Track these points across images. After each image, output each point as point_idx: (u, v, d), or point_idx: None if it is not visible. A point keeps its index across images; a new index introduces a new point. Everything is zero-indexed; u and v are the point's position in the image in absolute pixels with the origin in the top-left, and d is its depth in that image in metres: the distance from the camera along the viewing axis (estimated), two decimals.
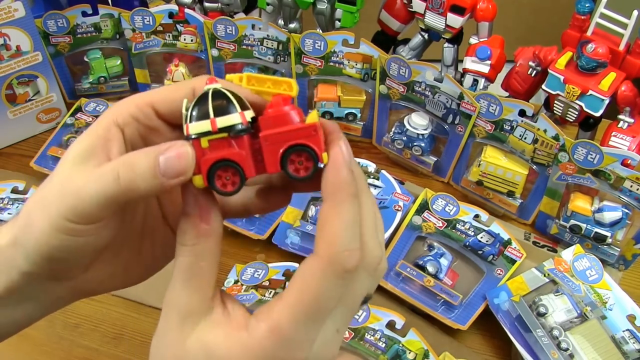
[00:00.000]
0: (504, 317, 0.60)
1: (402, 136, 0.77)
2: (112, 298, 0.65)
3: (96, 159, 0.30)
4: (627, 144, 0.65)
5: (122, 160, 0.29)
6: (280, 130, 0.28)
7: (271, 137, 0.28)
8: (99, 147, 0.30)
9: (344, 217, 0.28)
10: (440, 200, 0.66)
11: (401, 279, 0.64)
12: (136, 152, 0.29)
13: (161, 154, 0.28)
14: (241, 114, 0.28)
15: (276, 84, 0.29)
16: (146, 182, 0.28)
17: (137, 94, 0.33)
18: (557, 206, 0.69)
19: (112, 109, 0.32)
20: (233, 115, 0.28)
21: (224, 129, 0.28)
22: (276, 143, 0.29)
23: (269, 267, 0.63)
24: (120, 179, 0.28)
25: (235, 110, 0.28)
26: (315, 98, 0.80)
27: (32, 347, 0.61)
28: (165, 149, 0.28)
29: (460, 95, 0.70)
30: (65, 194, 0.29)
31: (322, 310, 0.28)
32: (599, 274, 0.60)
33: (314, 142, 0.28)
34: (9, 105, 0.78)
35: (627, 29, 0.64)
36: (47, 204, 0.29)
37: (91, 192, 0.28)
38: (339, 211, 0.28)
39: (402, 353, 0.58)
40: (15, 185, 0.70)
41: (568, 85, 0.65)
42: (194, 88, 0.32)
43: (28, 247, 0.30)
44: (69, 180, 0.29)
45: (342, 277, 0.28)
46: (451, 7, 0.72)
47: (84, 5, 0.81)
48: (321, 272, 0.27)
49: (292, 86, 0.29)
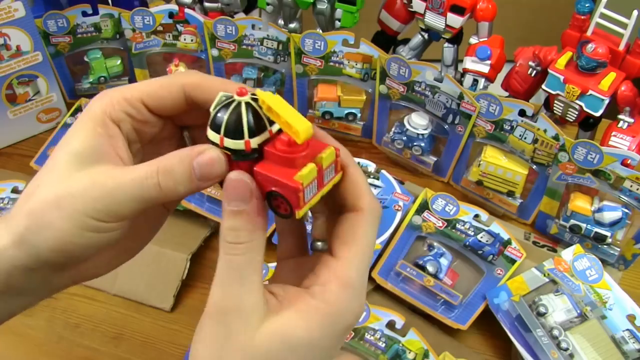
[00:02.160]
0: (504, 317, 0.60)
1: (402, 136, 0.77)
2: (112, 298, 0.65)
3: (107, 157, 0.31)
4: (627, 143, 0.65)
5: (157, 165, 0.30)
6: (269, 175, 0.29)
7: (261, 175, 0.30)
8: (106, 146, 0.31)
9: (363, 176, 0.33)
10: (440, 200, 0.66)
11: (401, 278, 0.64)
12: (170, 157, 0.30)
13: (194, 159, 0.30)
14: (246, 142, 0.29)
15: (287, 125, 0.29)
16: (185, 187, 0.30)
17: (124, 87, 0.33)
18: (557, 206, 0.69)
19: (101, 102, 0.32)
20: (238, 142, 0.29)
21: (229, 149, 0.30)
22: (264, 182, 0.30)
23: (269, 267, 0.63)
24: (161, 185, 0.30)
25: (242, 137, 0.29)
26: (315, 98, 0.80)
27: (32, 347, 0.61)
28: (197, 154, 0.30)
29: (460, 95, 0.70)
30: (93, 197, 0.30)
31: (371, 255, 0.33)
32: (599, 273, 0.60)
33: (293, 198, 0.29)
34: (9, 105, 0.78)
35: (627, 29, 0.64)
36: (66, 204, 0.30)
37: (130, 194, 0.30)
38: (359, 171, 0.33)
39: (402, 353, 0.58)
40: (15, 185, 0.70)
41: (568, 85, 0.65)
42: (184, 85, 0.32)
43: (42, 247, 0.30)
44: (90, 181, 0.30)
45: (377, 223, 0.33)
46: (451, 7, 0.72)
47: (84, 5, 0.81)
48: (368, 222, 0.32)
49: (300, 136, 0.28)
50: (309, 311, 0.29)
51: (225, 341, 0.29)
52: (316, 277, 0.31)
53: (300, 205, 0.29)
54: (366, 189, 0.33)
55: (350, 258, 0.31)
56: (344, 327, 0.30)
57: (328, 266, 0.31)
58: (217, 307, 0.29)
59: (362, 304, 0.31)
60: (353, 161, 0.33)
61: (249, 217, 0.30)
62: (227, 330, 0.29)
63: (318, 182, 0.30)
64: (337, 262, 0.31)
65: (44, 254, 0.30)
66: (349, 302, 0.30)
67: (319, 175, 0.30)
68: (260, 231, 0.30)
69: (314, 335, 0.29)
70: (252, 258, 0.30)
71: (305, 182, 0.29)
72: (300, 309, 0.30)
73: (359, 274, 0.31)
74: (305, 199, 0.29)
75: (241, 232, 0.30)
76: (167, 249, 0.65)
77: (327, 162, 0.30)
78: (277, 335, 0.29)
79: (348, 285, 0.30)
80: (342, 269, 0.31)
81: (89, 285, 0.66)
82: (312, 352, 0.30)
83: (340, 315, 0.30)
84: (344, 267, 0.31)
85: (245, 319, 0.29)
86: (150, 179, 0.30)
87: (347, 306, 0.30)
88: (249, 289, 0.29)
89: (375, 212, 0.33)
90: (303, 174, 0.29)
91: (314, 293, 0.30)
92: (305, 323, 0.29)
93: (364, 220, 0.32)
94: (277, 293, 0.31)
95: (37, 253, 0.30)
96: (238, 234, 0.30)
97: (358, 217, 0.32)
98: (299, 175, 0.29)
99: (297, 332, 0.29)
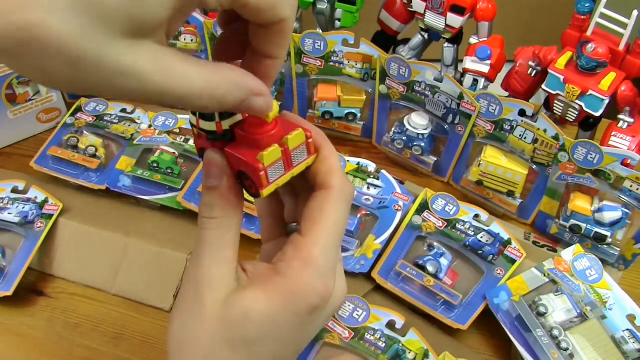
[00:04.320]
0: (504, 317, 0.60)
1: (402, 136, 0.77)
2: (112, 298, 0.65)
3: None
4: (627, 143, 0.65)
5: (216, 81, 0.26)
6: (235, 155, 0.31)
7: (229, 155, 0.32)
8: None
9: (336, 156, 0.33)
10: (440, 200, 0.66)
11: (401, 278, 0.64)
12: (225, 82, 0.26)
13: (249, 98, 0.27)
14: (218, 124, 0.31)
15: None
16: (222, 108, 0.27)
17: None
18: (557, 206, 0.69)
19: None
20: (210, 123, 0.31)
21: (204, 131, 0.32)
22: (233, 162, 0.32)
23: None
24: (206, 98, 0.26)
25: (214, 119, 0.31)
26: (315, 98, 0.80)
27: (32, 347, 0.61)
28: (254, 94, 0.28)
29: (460, 95, 0.70)
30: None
31: (341, 234, 0.32)
32: (599, 273, 0.60)
33: (256, 177, 0.31)
34: (9, 105, 0.78)
35: (627, 29, 0.64)
36: None
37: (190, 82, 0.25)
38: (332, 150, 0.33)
39: (402, 353, 0.58)
40: (15, 185, 0.70)
41: (568, 85, 0.65)
42: None
43: None
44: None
45: (349, 202, 0.33)
46: (451, 7, 0.72)
47: None
48: (337, 200, 0.32)
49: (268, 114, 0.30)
50: (271, 286, 0.30)
51: (194, 310, 0.31)
52: (283, 255, 0.31)
53: (264, 185, 0.31)
54: (337, 168, 0.33)
55: (315, 235, 0.31)
56: (307, 306, 0.30)
57: (294, 243, 0.31)
58: (190, 278, 0.31)
59: (327, 283, 0.31)
60: (327, 142, 0.33)
61: (222, 194, 0.31)
62: (197, 300, 0.30)
63: (285, 163, 0.31)
64: (302, 239, 0.31)
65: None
66: (310, 279, 0.30)
67: (285, 155, 0.31)
68: (232, 209, 0.31)
69: (274, 309, 0.30)
70: (223, 233, 0.31)
71: (267, 162, 0.30)
72: (264, 284, 0.31)
73: (325, 251, 0.31)
74: (269, 179, 0.31)
75: (214, 207, 0.31)
76: (167, 249, 0.65)
77: (293, 143, 0.31)
78: (240, 308, 0.30)
79: (310, 263, 0.30)
80: (306, 246, 0.31)
81: (89, 285, 0.66)
82: (274, 327, 0.30)
83: (302, 293, 0.30)
84: (307, 245, 0.31)
85: (213, 291, 0.30)
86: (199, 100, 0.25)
87: (309, 283, 0.30)
88: (218, 263, 0.31)
89: (346, 192, 0.33)
90: (264, 154, 0.30)
91: (279, 270, 0.31)
92: (266, 297, 0.30)
93: (333, 198, 0.32)
94: (248, 270, 0.32)
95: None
96: (211, 210, 0.31)
97: (326, 195, 0.32)
98: (260, 155, 0.30)
99: (258, 306, 0.30)
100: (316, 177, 0.33)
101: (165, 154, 0.72)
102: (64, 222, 0.67)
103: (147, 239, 0.66)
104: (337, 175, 0.32)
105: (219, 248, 0.31)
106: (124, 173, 0.72)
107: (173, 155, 0.72)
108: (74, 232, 0.67)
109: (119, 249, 0.66)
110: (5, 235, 0.66)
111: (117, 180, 0.71)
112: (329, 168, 0.33)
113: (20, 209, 0.67)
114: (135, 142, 0.75)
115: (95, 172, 0.73)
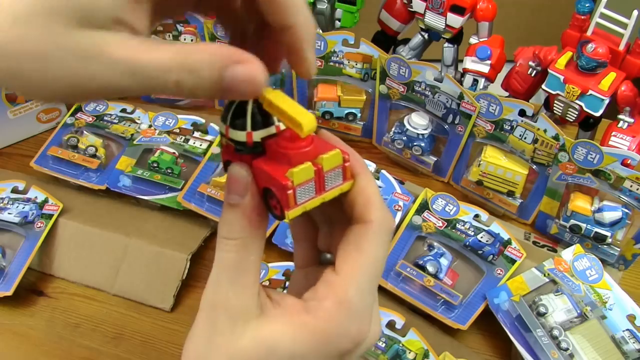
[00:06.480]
0: (504, 317, 0.60)
1: (402, 136, 0.77)
2: (112, 298, 0.65)
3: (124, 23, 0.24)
4: (627, 143, 0.65)
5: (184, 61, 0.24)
6: (263, 169, 0.28)
7: (257, 170, 0.29)
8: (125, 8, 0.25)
9: (374, 184, 0.30)
10: (440, 200, 0.66)
11: (401, 278, 0.64)
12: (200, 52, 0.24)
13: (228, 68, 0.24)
14: (249, 134, 0.28)
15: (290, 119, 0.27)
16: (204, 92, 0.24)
17: None
18: (557, 206, 0.69)
19: None
20: (241, 133, 0.28)
21: (232, 141, 0.29)
22: (259, 177, 0.29)
23: (269, 267, 0.63)
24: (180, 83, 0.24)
25: (245, 128, 0.28)
26: (315, 98, 0.80)
27: (32, 347, 0.61)
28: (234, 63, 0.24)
29: (460, 95, 0.70)
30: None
31: (379, 273, 0.29)
32: (599, 273, 0.60)
33: (282, 196, 0.27)
34: (9, 105, 0.78)
35: (627, 29, 0.64)
36: None
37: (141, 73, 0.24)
38: (371, 180, 0.30)
39: (402, 353, 0.58)
40: (15, 185, 0.70)
41: (568, 85, 0.65)
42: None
43: None
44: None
45: (389, 238, 0.30)
46: (451, 7, 0.72)
47: None
48: (375, 236, 0.29)
49: (302, 128, 0.26)
50: (299, 324, 0.28)
51: (211, 339, 0.28)
52: (315, 291, 0.29)
53: (291, 206, 0.28)
54: (377, 200, 0.30)
55: (351, 274, 0.28)
56: (337, 350, 0.28)
57: (327, 281, 0.29)
58: (207, 304, 0.29)
59: (361, 328, 0.28)
60: (365, 170, 0.30)
61: (243, 212, 0.28)
62: (214, 328, 0.28)
63: (317, 185, 0.28)
64: (336, 277, 0.29)
65: None
66: (343, 322, 0.28)
67: (318, 176, 0.28)
68: (255, 230, 0.29)
69: (302, 349, 0.28)
70: (244, 257, 0.28)
71: (297, 181, 0.27)
72: (291, 320, 0.28)
73: (360, 292, 0.28)
74: (297, 200, 0.28)
75: (234, 226, 0.28)
76: (167, 249, 0.65)
77: (329, 164, 0.28)
78: (262, 342, 0.28)
79: (344, 304, 0.28)
80: (340, 286, 0.28)
81: (89, 285, 0.66)
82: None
83: (332, 335, 0.28)
84: (342, 284, 0.28)
85: (232, 319, 0.28)
86: (169, 73, 0.23)
87: (341, 326, 0.28)
88: (238, 289, 0.28)
89: (386, 226, 0.30)
90: (295, 170, 0.27)
91: (309, 307, 0.28)
92: (293, 335, 0.28)
93: (371, 233, 0.29)
94: (275, 299, 0.30)
95: None
96: (231, 229, 0.28)
97: (364, 230, 0.29)
98: (290, 172, 0.27)
99: (283, 344, 0.28)
100: (353, 209, 0.30)
101: (165, 154, 0.72)
102: (64, 222, 0.67)
103: (147, 239, 0.66)
104: (376, 208, 0.29)
105: (238, 273, 0.28)
106: (124, 173, 0.72)
107: (173, 155, 0.72)
108: (74, 232, 0.67)
109: (119, 249, 0.66)
110: (5, 235, 0.66)
111: (117, 180, 0.71)
112: (367, 199, 0.29)
113: (20, 209, 0.67)
114: (135, 142, 0.74)
115: (95, 172, 0.73)
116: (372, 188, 0.30)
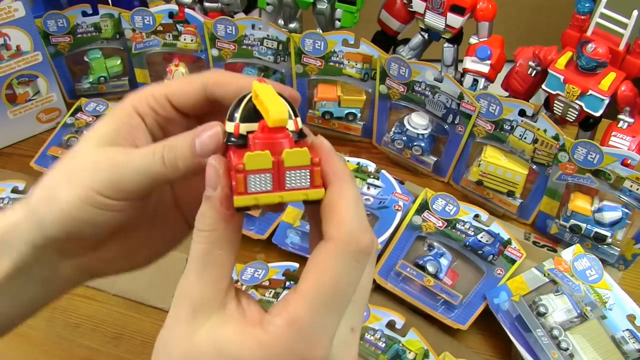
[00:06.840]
0: (504, 317, 0.60)
1: (402, 136, 0.77)
2: (112, 298, 0.65)
3: (124, 142, 0.32)
4: (627, 143, 0.65)
5: (163, 143, 0.31)
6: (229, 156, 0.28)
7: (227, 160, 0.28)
8: (124, 132, 0.32)
9: (350, 198, 0.28)
10: (440, 200, 0.66)
11: (401, 278, 0.64)
12: (174, 137, 0.31)
13: (197, 136, 0.30)
14: (236, 125, 0.28)
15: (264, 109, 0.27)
16: (184, 162, 0.30)
17: (153, 85, 0.34)
18: (557, 206, 0.69)
19: (132, 97, 0.34)
20: (231, 124, 0.29)
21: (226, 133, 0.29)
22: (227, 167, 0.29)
23: (269, 267, 0.63)
24: (165, 159, 0.30)
25: (234, 120, 0.29)
26: (315, 98, 0.80)
27: (32, 347, 0.61)
28: (200, 131, 0.30)
29: (460, 95, 0.70)
30: (101, 169, 0.31)
31: (341, 297, 0.27)
32: (599, 273, 0.60)
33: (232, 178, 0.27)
34: (9, 105, 0.78)
35: (627, 29, 0.64)
36: (76, 178, 0.31)
37: (136, 168, 0.30)
38: (345, 193, 0.28)
39: (402, 353, 0.58)
40: (15, 185, 0.70)
41: (568, 85, 0.65)
42: (205, 82, 0.33)
43: (47, 219, 0.31)
44: (102, 157, 0.31)
45: (357, 259, 0.27)
46: (451, 7, 0.72)
47: (84, 5, 0.81)
48: (337, 254, 0.27)
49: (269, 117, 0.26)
50: (251, 335, 0.27)
51: (173, 327, 0.29)
52: (275, 306, 0.28)
53: (240, 191, 0.26)
54: (347, 216, 0.27)
55: (305, 294, 0.27)
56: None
57: (286, 298, 0.28)
58: (177, 292, 0.29)
59: (311, 350, 0.27)
60: (342, 181, 0.28)
61: (214, 204, 0.28)
62: (177, 317, 0.29)
63: (275, 179, 0.27)
64: (293, 295, 0.27)
65: (49, 228, 0.31)
66: (290, 342, 0.27)
67: (277, 170, 0.27)
68: (225, 222, 0.28)
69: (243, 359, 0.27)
70: (211, 250, 0.28)
71: (250, 166, 0.26)
72: (245, 330, 0.28)
73: (313, 314, 0.27)
74: (247, 187, 0.26)
75: (206, 218, 0.28)
76: None
77: (291, 161, 0.27)
78: (214, 341, 0.28)
79: (293, 324, 0.27)
80: (293, 305, 0.27)
81: (89, 285, 0.66)
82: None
83: (278, 354, 0.27)
84: (295, 303, 0.27)
85: (193, 310, 0.28)
86: (155, 154, 0.30)
87: (287, 346, 0.27)
88: (202, 282, 0.28)
89: (356, 245, 0.27)
90: (249, 154, 0.26)
91: (264, 321, 0.28)
92: (242, 344, 0.27)
93: (332, 252, 0.27)
94: (242, 304, 0.29)
95: (44, 226, 0.31)
96: (203, 221, 0.28)
97: (326, 248, 0.27)
98: (246, 155, 0.26)
99: (230, 349, 0.27)
100: (321, 224, 0.28)
101: None
102: None
103: None
104: (345, 224, 0.27)
105: (205, 265, 0.28)
106: None
107: None
108: None
109: None
110: None
111: None
112: (334, 214, 0.28)
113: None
114: None
115: None
116: (345, 201, 0.28)
